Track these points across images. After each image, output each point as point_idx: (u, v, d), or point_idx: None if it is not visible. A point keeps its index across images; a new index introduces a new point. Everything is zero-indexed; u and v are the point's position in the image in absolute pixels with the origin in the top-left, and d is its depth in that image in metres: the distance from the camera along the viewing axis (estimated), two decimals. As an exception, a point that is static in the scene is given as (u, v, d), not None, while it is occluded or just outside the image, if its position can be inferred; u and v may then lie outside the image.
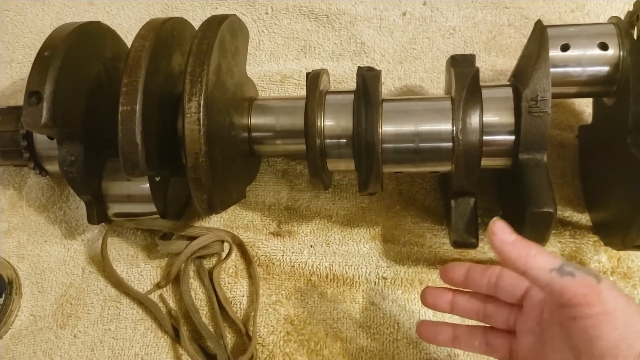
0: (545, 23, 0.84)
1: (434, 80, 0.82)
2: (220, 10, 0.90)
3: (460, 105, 0.57)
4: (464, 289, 0.59)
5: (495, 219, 0.50)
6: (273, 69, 0.85)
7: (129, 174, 0.60)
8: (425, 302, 0.60)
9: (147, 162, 0.59)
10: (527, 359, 0.53)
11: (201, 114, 0.57)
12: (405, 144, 0.60)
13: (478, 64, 0.81)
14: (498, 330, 0.57)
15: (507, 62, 0.82)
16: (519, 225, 0.62)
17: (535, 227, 0.57)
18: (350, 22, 0.87)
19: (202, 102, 0.57)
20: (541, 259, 0.46)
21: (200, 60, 0.59)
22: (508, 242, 0.48)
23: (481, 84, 0.64)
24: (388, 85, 0.83)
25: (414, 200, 0.75)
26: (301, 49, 0.87)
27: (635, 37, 0.63)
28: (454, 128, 0.58)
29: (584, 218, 0.72)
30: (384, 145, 0.60)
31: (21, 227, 0.79)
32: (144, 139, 0.59)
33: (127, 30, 0.90)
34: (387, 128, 0.60)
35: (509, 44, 0.84)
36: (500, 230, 0.49)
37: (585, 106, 0.78)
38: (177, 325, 0.69)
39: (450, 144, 0.59)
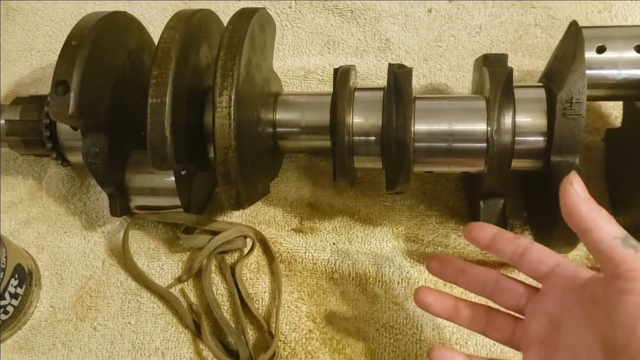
0: (572, 24, 0.84)
1: (459, 79, 0.81)
2: (243, 4, 0.89)
3: (495, 106, 0.57)
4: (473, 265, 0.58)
5: (573, 172, 0.50)
6: (296, 64, 0.84)
7: (157, 167, 0.59)
8: (430, 267, 0.58)
9: (176, 156, 0.59)
10: (532, 343, 0.52)
11: (232, 108, 0.56)
12: (438, 143, 0.60)
13: (504, 63, 0.81)
14: (503, 312, 0.56)
15: (534, 63, 0.81)
16: (549, 228, 0.61)
17: (566, 230, 0.56)
18: (375, 18, 0.86)
19: (233, 96, 0.57)
20: (609, 223, 0.46)
21: (232, 54, 0.58)
22: (582, 197, 0.48)
23: (515, 84, 0.64)
24: (413, 83, 0.80)
25: (438, 200, 0.74)
26: (325, 44, 0.86)
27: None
28: (489, 128, 0.57)
29: (610, 222, 0.71)
30: (416, 144, 0.59)
31: (41, 217, 0.78)
32: (173, 132, 0.58)
33: (149, 21, 0.89)
34: (420, 127, 0.59)
35: (536, 44, 0.83)
36: (578, 184, 0.49)
37: (612, 109, 0.77)
38: (199, 320, 0.69)
39: (485, 144, 0.58)
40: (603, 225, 0.46)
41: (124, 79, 0.70)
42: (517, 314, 0.55)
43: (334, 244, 0.73)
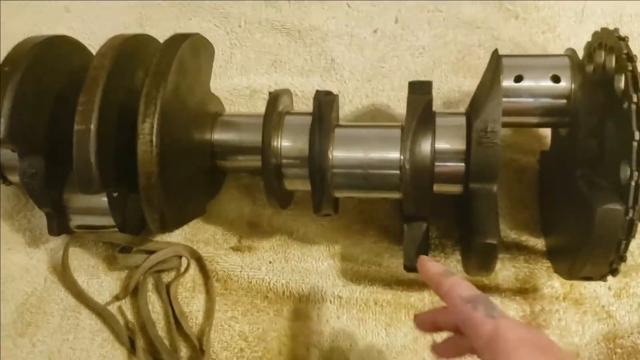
0: (514, 45, 0.86)
1: (401, 100, 0.83)
2: (194, 22, 0.90)
3: (409, 135, 0.58)
4: None
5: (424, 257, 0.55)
6: (243, 82, 0.86)
7: (84, 191, 0.61)
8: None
9: (102, 180, 0.60)
10: None
11: (154, 135, 0.58)
12: (354, 170, 0.61)
13: (445, 84, 0.83)
14: None
15: (474, 84, 0.81)
16: (469, 252, 0.63)
17: (480, 256, 0.58)
18: (321, 38, 0.87)
19: (155, 123, 0.58)
20: (460, 288, 0.49)
21: (157, 81, 0.60)
22: (433, 271, 0.53)
23: (439, 110, 0.65)
24: (355, 103, 0.83)
25: (374, 219, 0.76)
26: (272, 64, 0.87)
27: (592, 68, 0.64)
28: (402, 157, 0.59)
29: (539, 243, 0.73)
30: (335, 170, 0.61)
31: (-15, 234, 0.80)
32: (98, 157, 0.60)
33: (102, 39, 0.90)
34: (338, 154, 0.61)
35: (478, 64, 0.84)
36: (426, 260, 0.54)
37: (548, 131, 0.78)
38: (134, 338, 0.70)
39: (398, 172, 0.60)
40: (454, 291, 0.49)
41: (64, 101, 0.71)
42: None
43: (270, 262, 0.74)
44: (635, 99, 0.51)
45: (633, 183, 0.51)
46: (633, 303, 0.70)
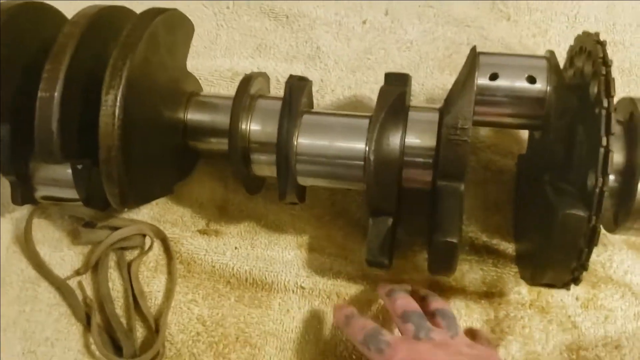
0: (503, 46, 0.84)
1: (384, 93, 0.81)
2: (180, 3, 0.89)
3: (376, 127, 0.57)
4: None
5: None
6: (225, 64, 0.84)
7: (44, 160, 0.60)
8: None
9: (63, 150, 0.59)
10: None
11: (117, 107, 0.57)
12: (319, 158, 0.60)
13: (430, 80, 0.82)
14: None
15: None
16: (429, 250, 0.62)
17: (439, 255, 0.57)
18: (309, 25, 0.86)
19: (119, 95, 0.57)
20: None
21: (124, 53, 0.58)
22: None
23: (415, 104, 0.64)
24: (337, 93, 0.82)
25: (346, 212, 0.75)
26: (257, 48, 0.86)
27: (572, 72, 0.63)
28: (367, 148, 0.57)
29: (510, 248, 0.72)
30: (299, 157, 0.60)
31: (-49, 201, 0.79)
32: (60, 127, 0.58)
33: (87, 11, 0.89)
34: (303, 140, 0.60)
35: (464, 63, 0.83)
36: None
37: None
38: (90, 314, 0.69)
39: (362, 162, 0.58)
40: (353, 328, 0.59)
41: (36, 70, 0.70)
42: None
43: (236, 248, 0.73)
44: (605, 104, 0.49)
45: (597, 190, 0.49)
46: (600, 315, 0.69)
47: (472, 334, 0.65)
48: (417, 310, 0.59)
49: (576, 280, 0.55)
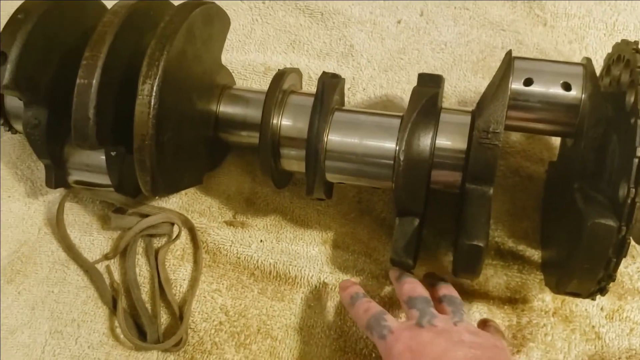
0: (538, 51, 0.84)
1: (415, 94, 0.81)
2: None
3: (407, 127, 0.57)
4: None
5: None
6: (259, 59, 0.85)
7: (79, 145, 0.61)
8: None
9: (98, 137, 0.60)
10: None
11: (153, 97, 0.58)
12: (348, 155, 0.60)
13: (463, 83, 0.82)
14: None
15: None
16: (456, 253, 0.61)
17: (465, 258, 0.57)
18: (343, 23, 0.86)
19: (155, 85, 0.58)
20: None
21: (162, 44, 0.59)
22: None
23: (446, 106, 0.64)
24: (368, 92, 0.82)
25: (372, 210, 0.75)
26: (290, 43, 0.86)
27: (609, 81, 0.62)
28: (397, 148, 0.57)
29: (536, 254, 0.71)
30: (328, 153, 0.60)
31: (-13, 180, 0.81)
32: (97, 113, 0.60)
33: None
34: (333, 137, 0.60)
35: (497, 67, 0.82)
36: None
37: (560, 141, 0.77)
38: (117, 299, 0.70)
39: (392, 162, 0.58)
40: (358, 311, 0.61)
41: (75, 56, 0.71)
42: None
43: (261, 241, 0.74)
44: (642, 114, 0.49)
45: (629, 200, 0.49)
46: (625, 327, 0.68)
47: (483, 323, 0.65)
48: (421, 295, 0.59)
49: (602, 291, 0.55)
